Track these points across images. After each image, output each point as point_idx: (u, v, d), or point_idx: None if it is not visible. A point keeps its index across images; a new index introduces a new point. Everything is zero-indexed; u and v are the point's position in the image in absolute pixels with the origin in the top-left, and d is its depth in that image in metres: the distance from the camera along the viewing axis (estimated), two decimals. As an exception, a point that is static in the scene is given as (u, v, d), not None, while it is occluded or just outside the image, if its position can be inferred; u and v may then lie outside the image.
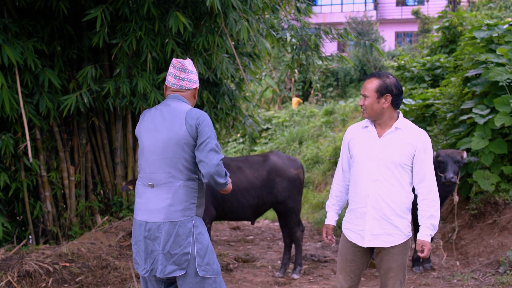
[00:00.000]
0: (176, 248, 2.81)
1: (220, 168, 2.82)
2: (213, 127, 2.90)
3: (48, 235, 6.19)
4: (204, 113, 2.90)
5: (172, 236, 2.81)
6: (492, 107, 6.03)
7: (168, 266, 2.82)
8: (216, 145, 2.86)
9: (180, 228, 2.82)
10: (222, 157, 2.84)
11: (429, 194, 3.07)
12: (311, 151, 12.58)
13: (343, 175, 3.35)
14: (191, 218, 2.86)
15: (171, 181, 2.86)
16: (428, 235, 3.06)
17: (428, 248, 3.05)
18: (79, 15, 5.75)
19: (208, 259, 2.86)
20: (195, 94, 3.05)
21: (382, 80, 3.08)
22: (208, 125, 2.86)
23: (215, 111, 6.70)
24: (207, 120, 2.87)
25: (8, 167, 5.81)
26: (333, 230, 3.43)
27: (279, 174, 5.27)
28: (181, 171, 2.86)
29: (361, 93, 3.13)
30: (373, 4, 29.50)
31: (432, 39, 11.72)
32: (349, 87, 19.62)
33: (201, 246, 2.84)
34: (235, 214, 5.26)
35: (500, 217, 5.84)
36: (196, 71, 3.00)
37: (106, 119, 6.47)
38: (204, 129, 2.84)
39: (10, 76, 5.40)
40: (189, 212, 2.86)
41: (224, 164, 5.19)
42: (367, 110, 3.10)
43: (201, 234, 2.87)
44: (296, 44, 6.88)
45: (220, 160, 2.82)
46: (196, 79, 3.01)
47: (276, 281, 5.30)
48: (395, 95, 3.09)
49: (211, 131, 2.87)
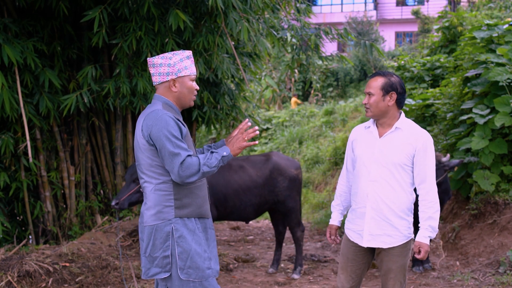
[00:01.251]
0: (156, 251, 2.79)
1: (185, 170, 2.66)
2: (169, 126, 2.69)
3: (48, 235, 6.19)
4: (160, 116, 2.71)
5: (151, 239, 2.80)
6: (492, 107, 6.03)
7: (151, 269, 2.82)
8: (174, 145, 2.67)
9: (156, 232, 2.78)
10: (183, 155, 2.66)
11: (428, 195, 3.05)
12: (311, 151, 12.58)
13: (347, 175, 3.35)
14: (168, 221, 2.77)
15: (145, 185, 2.84)
16: (426, 237, 3.03)
17: (425, 250, 3.03)
18: (79, 15, 5.74)
19: (191, 262, 2.77)
20: (170, 86, 2.83)
21: (387, 78, 3.07)
22: (159, 129, 2.67)
23: (215, 111, 6.70)
24: (159, 124, 2.69)
25: (8, 167, 5.81)
26: (337, 231, 3.41)
27: (281, 173, 5.33)
28: (150, 176, 2.80)
29: (366, 91, 3.10)
30: (373, 4, 29.49)
31: (432, 39, 11.72)
32: (349, 87, 19.63)
33: (181, 249, 2.76)
34: (237, 214, 5.28)
35: (500, 217, 5.84)
36: (174, 61, 2.78)
37: (106, 119, 6.47)
38: (157, 134, 2.68)
39: (10, 76, 5.40)
40: (164, 215, 2.78)
41: (226, 163, 5.20)
42: (371, 108, 3.08)
43: (181, 238, 2.77)
44: (296, 44, 6.88)
45: (180, 163, 2.65)
46: (166, 71, 2.80)
47: (276, 281, 5.30)
48: (400, 93, 3.08)
49: (164, 133, 2.67)
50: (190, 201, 2.84)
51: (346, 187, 3.37)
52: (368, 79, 3.17)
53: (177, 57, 2.82)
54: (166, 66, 2.81)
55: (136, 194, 4.56)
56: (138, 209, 6.85)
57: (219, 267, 5.56)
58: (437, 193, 3.10)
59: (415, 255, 3.10)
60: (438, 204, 3.08)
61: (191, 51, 3.27)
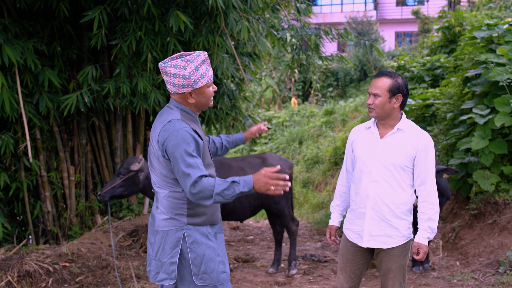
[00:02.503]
0: (165, 256, 2.77)
1: (198, 193, 2.58)
2: (185, 143, 2.60)
3: (48, 235, 6.19)
4: (176, 130, 2.62)
5: (162, 244, 2.78)
6: (492, 107, 6.03)
7: (160, 274, 2.80)
8: (186, 165, 2.58)
9: (167, 237, 2.76)
10: (194, 177, 2.57)
11: (428, 196, 3.05)
12: (311, 151, 12.58)
13: (347, 175, 3.35)
14: (180, 228, 2.75)
15: (158, 191, 2.81)
16: (425, 238, 3.04)
17: (423, 251, 3.04)
18: (79, 15, 5.74)
19: (205, 267, 2.75)
20: (187, 97, 2.71)
21: (394, 79, 3.05)
22: (174, 145, 2.59)
23: (215, 111, 6.70)
24: (174, 140, 2.60)
25: (8, 167, 5.81)
26: (337, 231, 3.41)
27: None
28: (163, 182, 2.76)
29: (371, 92, 3.07)
30: (373, 4, 29.50)
31: (432, 39, 11.73)
32: (349, 87, 19.64)
33: (195, 255, 2.75)
34: (236, 215, 5.32)
35: (500, 217, 5.84)
36: (189, 71, 2.61)
37: (106, 119, 6.47)
38: (172, 150, 2.60)
39: (10, 76, 5.40)
40: (175, 222, 2.76)
41: (226, 165, 5.21)
42: (376, 109, 3.06)
43: (195, 243, 2.76)
44: (296, 44, 6.88)
45: (191, 184, 2.57)
46: (181, 83, 2.64)
47: (276, 281, 5.30)
48: (405, 95, 3.08)
49: (179, 151, 2.59)
50: (203, 210, 2.81)
51: (345, 188, 3.37)
52: (373, 78, 3.14)
53: (192, 65, 2.62)
54: (180, 78, 2.62)
55: (119, 188, 4.53)
56: (139, 209, 6.85)
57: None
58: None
59: (414, 256, 3.11)
60: (438, 206, 3.08)
61: (191, 51, 3.22)
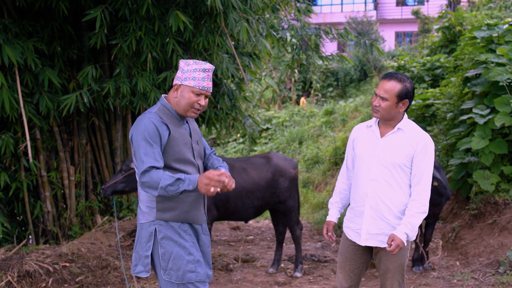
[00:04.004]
0: (141, 249, 2.84)
1: (145, 182, 2.66)
2: (146, 131, 2.71)
3: (48, 235, 6.19)
4: (141, 119, 2.77)
5: (139, 237, 2.87)
6: (492, 107, 6.03)
7: (138, 266, 2.86)
8: (144, 153, 2.68)
9: (142, 231, 2.85)
10: (146, 165, 2.65)
11: (419, 196, 3.03)
12: (311, 151, 12.58)
13: (347, 173, 3.36)
14: (152, 222, 2.81)
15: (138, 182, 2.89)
16: (403, 232, 2.97)
17: (396, 244, 2.95)
18: (79, 15, 5.74)
19: (172, 264, 2.79)
20: (174, 90, 2.86)
21: (404, 84, 3.02)
22: (137, 132, 2.73)
23: (215, 111, 6.70)
24: (137, 127, 2.75)
25: (8, 167, 5.81)
26: (334, 228, 3.41)
27: (282, 175, 5.35)
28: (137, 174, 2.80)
29: (379, 94, 3.03)
30: (373, 4, 29.50)
31: (432, 39, 11.73)
32: (349, 87, 19.64)
33: (164, 251, 2.80)
34: (238, 215, 5.30)
35: (500, 217, 5.84)
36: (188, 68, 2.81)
37: (106, 119, 6.47)
38: (134, 138, 2.75)
39: (10, 76, 5.40)
40: (147, 216, 2.83)
41: (228, 165, 5.17)
42: (382, 111, 3.04)
43: (165, 239, 2.80)
44: (296, 44, 6.88)
45: (142, 171, 2.66)
46: (178, 75, 2.86)
47: (276, 281, 5.30)
48: (411, 99, 3.09)
49: (139, 138, 2.71)
50: (173, 205, 2.82)
51: (346, 185, 3.37)
52: (382, 79, 3.11)
53: (194, 66, 2.81)
54: (180, 70, 2.85)
55: (121, 184, 4.56)
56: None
57: (220, 267, 5.59)
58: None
59: (386, 247, 3.04)
60: (427, 208, 3.03)
61: (191, 51, 3.25)
